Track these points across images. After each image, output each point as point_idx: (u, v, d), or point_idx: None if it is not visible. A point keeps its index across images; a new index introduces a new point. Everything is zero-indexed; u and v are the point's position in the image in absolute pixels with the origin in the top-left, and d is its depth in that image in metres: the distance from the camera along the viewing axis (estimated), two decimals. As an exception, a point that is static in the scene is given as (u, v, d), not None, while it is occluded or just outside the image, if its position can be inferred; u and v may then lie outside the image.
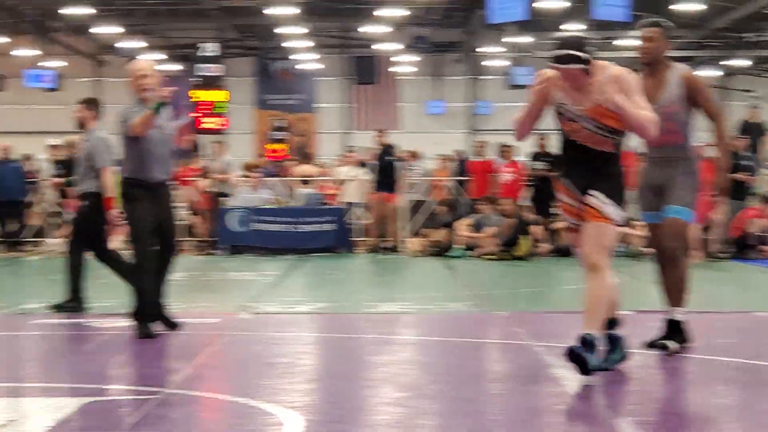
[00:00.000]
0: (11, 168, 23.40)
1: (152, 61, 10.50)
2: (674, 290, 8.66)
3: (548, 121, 7.89)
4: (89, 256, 12.28)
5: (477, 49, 41.49)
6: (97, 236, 12.32)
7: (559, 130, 7.79)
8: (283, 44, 44.30)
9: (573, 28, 33.60)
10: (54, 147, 24.50)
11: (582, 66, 7.43)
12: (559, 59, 7.47)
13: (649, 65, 8.70)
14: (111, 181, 12.07)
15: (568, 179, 7.77)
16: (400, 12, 35.25)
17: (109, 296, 12.46)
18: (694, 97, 8.56)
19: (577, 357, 7.27)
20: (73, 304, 12.15)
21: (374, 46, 43.01)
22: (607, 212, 7.54)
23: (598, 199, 7.55)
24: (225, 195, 23.55)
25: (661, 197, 8.65)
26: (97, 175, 12.12)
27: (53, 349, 9.91)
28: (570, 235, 8.04)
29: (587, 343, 7.29)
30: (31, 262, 21.39)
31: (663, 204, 8.63)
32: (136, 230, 9.86)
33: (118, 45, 43.07)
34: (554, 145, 23.78)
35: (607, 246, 7.58)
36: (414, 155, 27.70)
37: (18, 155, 24.79)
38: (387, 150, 23.38)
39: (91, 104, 12.92)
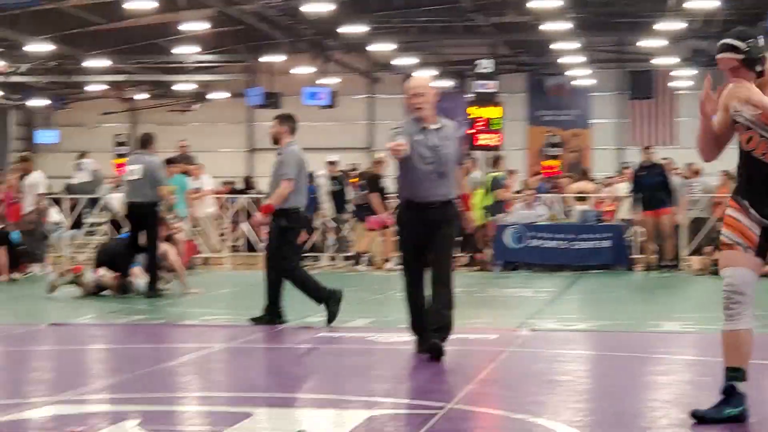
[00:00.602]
0: None
1: (429, 78, 10.35)
2: None
3: None
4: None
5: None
6: (278, 248, 12.60)
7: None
8: (557, 59, 44.12)
9: None
10: (331, 163, 24.97)
11: (736, 56, 6.85)
12: (718, 49, 6.91)
13: None
14: (284, 192, 12.31)
15: (745, 200, 6.78)
16: (679, 25, 34.64)
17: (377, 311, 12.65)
18: None
19: None
20: (270, 316, 12.44)
21: (651, 60, 42.46)
22: None
23: None
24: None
25: None
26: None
27: (336, 362, 10.08)
28: (725, 253, 6.90)
29: None
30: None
31: None
32: (402, 255, 9.93)
33: (391, 62, 43.81)
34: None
35: None
36: (696, 172, 27.11)
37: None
38: (654, 166, 22.90)
39: (286, 120, 13.17)
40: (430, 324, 9.46)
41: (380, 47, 41.32)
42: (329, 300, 12.24)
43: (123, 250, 16.46)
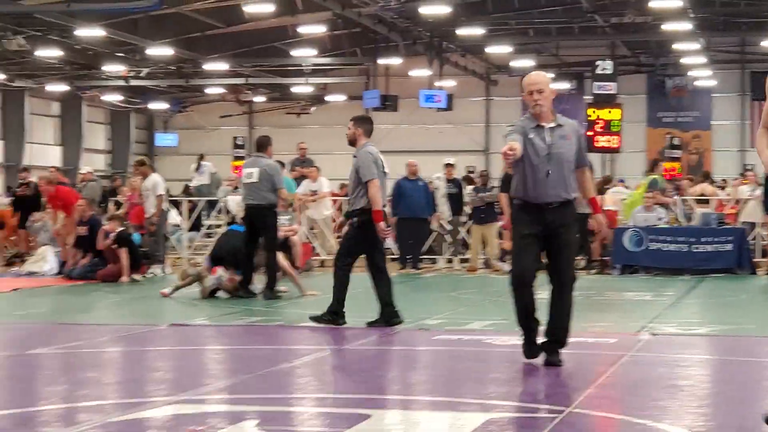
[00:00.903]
0: (419, 186, 23.76)
1: (546, 75, 9.98)
2: None
3: None
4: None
5: None
6: (369, 251, 12.53)
7: None
8: (677, 60, 43.60)
9: None
10: (448, 165, 24.91)
11: None
12: None
13: None
14: (377, 194, 12.24)
15: None
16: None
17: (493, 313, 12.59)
18: None
19: None
20: (386, 318, 12.40)
21: (774, 60, 41.85)
22: None
23: None
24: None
25: None
26: (365, 190, 12.33)
27: (453, 365, 10.06)
28: None
29: None
30: (427, 278, 21.94)
31: None
32: (513, 254, 9.63)
33: (509, 64, 43.66)
34: None
35: None
36: None
37: (424, 174, 25.14)
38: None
39: (361, 122, 13.14)
40: (549, 334, 9.35)
41: (497, 49, 41.20)
42: (336, 314, 12.39)
43: (240, 247, 16.57)
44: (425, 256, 24.53)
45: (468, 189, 24.74)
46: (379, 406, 7.68)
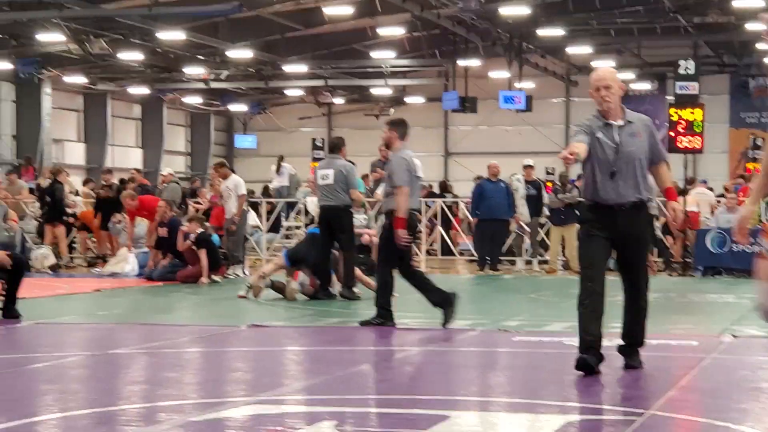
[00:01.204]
0: (500, 188, 23.71)
1: (613, 71, 9.64)
2: None
3: None
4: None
5: None
6: (402, 253, 12.54)
7: None
8: (761, 60, 43.11)
9: None
10: (528, 167, 24.83)
11: None
12: None
13: None
14: (403, 201, 12.27)
15: None
16: None
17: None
18: None
19: None
20: (381, 320, 12.49)
21: None
22: None
23: None
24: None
25: None
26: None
27: (532, 366, 10.04)
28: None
29: None
30: (506, 280, 21.91)
31: None
32: (582, 256, 9.20)
33: (589, 64, 43.43)
34: None
35: None
36: None
37: (505, 176, 25.08)
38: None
39: (397, 125, 13.14)
40: (627, 337, 9.22)
41: (577, 50, 41.08)
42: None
43: (318, 250, 16.61)
44: (504, 258, 24.51)
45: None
46: (457, 407, 7.66)
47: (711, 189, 28.98)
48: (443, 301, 12.42)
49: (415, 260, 13.54)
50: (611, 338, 9.18)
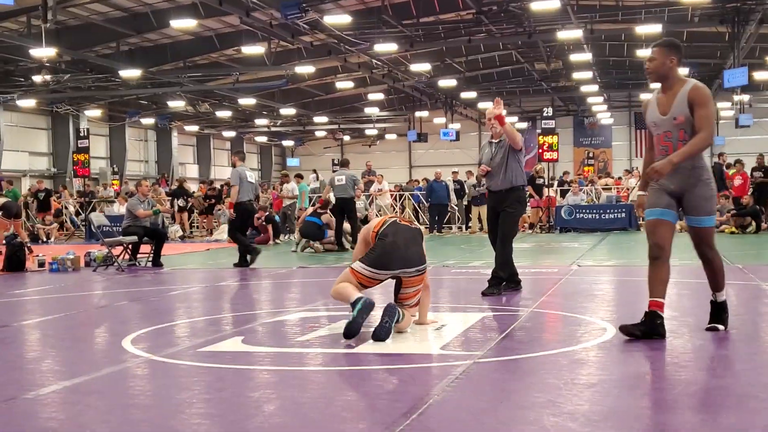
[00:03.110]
0: (442, 186, 23.23)
1: (494, 110, 8.73)
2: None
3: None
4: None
5: (716, 104, 39.03)
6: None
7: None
8: (590, 107, 43.25)
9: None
10: (454, 173, 24.66)
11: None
12: None
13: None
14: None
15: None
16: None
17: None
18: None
19: None
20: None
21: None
22: None
23: None
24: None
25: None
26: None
27: (463, 286, 9.91)
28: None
29: None
30: (447, 238, 21.79)
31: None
32: (488, 221, 8.69)
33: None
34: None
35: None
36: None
37: (445, 178, 24.91)
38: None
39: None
40: (496, 271, 8.42)
41: (484, 104, 40.96)
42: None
43: (315, 230, 16.63)
44: (445, 225, 24.41)
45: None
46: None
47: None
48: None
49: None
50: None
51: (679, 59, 5.49)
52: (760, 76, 29.41)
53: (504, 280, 8.55)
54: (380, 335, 5.59)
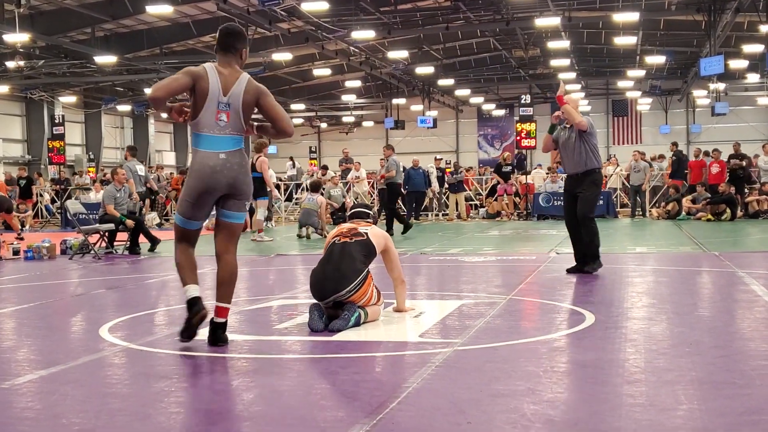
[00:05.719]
0: (419, 173, 23.02)
1: None
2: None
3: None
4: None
5: (693, 92, 39.33)
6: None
7: None
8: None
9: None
10: (437, 160, 24.73)
11: None
12: None
13: None
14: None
15: None
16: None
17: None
18: None
19: None
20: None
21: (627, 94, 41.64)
22: None
23: None
24: None
25: None
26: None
27: (441, 273, 9.92)
28: None
29: None
30: (425, 225, 21.81)
31: None
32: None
33: (469, 100, 43.37)
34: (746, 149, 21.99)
35: None
36: (661, 157, 26.44)
37: (423, 165, 24.83)
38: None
39: (391, 148, 12.78)
40: None
41: (461, 91, 41.05)
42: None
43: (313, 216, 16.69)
44: (423, 212, 24.46)
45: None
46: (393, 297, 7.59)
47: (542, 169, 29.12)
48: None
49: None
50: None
51: None
52: (735, 64, 29.61)
53: (597, 256, 8.64)
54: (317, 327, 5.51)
